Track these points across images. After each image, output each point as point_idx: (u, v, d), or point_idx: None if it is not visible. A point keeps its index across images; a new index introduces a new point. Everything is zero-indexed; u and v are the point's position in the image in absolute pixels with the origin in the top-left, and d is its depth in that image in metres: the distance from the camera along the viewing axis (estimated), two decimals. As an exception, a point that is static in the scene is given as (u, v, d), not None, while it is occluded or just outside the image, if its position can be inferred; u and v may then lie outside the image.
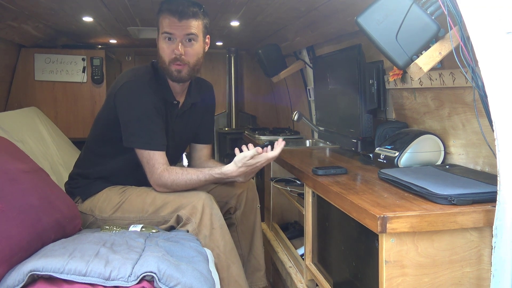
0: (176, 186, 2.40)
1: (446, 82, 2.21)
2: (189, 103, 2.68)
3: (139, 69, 2.63)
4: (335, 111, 3.37)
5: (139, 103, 2.42)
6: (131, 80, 2.47)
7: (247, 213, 2.74)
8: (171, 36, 2.43)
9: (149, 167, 2.42)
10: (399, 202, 1.75)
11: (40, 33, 4.10)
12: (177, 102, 2.61)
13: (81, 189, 2.57)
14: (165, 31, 2.43)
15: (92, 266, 1.59)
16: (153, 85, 2.49)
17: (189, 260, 1.87)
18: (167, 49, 2.45)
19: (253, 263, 2.76)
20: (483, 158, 2.13)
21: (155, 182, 2.42)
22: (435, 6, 1.73)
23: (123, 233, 2.04)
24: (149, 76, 2.52)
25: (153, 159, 2.41)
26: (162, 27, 2.44)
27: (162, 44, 2.46)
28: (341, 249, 2.13)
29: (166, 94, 2.55)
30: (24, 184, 1.86)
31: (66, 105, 4.68)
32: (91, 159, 2.65)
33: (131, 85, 2.45)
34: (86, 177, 2.60)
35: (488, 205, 1.66)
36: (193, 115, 2.74)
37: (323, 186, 2.18)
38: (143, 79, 2.48)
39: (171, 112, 2.59)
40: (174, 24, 2.41)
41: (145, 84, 2.45)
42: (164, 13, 2.43)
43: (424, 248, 1.66)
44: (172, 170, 2.41)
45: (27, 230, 1.72)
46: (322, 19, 3.20)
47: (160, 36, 2.47)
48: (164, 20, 2.43)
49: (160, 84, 2.54)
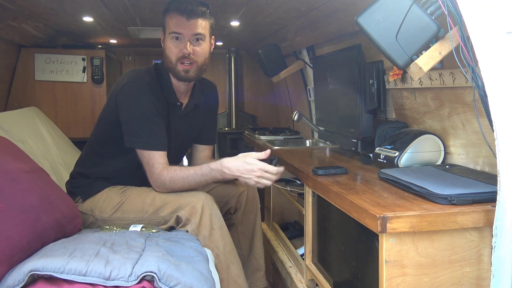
0: (174, 184, 2.39)
1: (446, 82, 2.21)
2: (193, 104, 2.67)
3: (140, 70, 2.63)
4: (335, 111, 3.37)
5: (140, 103, 2.42)
6: (132, 80, 2.47)
7: (247, 213, 2.74)
8: (179, 35, 2.43)
9: (149, 167, 2.42)
10: (399, 202, 1.75)
11: (40, 33, 4.11)
12: (180, 104, 2.61)
13: (82, 189, 2.57)
14: (173, 31, 2.43)
15: (92, 266, 1.59)
16: (154, 86, 2.49)
17: (189, 260, 1.87)
18: (174, 48, 2.45)
19: (253, 263, 2.76)
20: (483, 158, 2.13)
21: (155, 182, 2.42)
22: (435, 6, 1.73)
23: (123, 233, 2.04)
24: (150, 77, 2.51)
25: (153, 159, 2.41)
26: (169, 27, 2.44)
27: (169, 44, 2.46)
28: (341, 249, 2.13)
29: (169, 96, 2.55)
30: (24, 184, 1.86)
31: (66, 105, 4.68)
32: (93, 159, 2.65)
33: (131, 86, 2.45)
34: (87, 177, 2.60)
35: (488, 205, 1.66)
36: (196, 116, 2.74)
37: (323, 186, 2.18)
38: (144, 79, 2.48)
39: (174, 114, 2.59)
40: (182, 24, 2.41)
41: (146, 85, 2.45)
42: (172, 12, 2.43)
43: (424, 248, 1.66)
44: (170, 168, 2.41)
45: (27, 230, 1.72)
46: (322, 19, 3.20)
47: (167, 36, 2.46)
48: (171, 19, 2.43)
49: (163, 85, 2.54)
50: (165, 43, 2.49)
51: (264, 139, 4.30)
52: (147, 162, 2.42)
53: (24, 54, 4.48)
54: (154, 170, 2.40)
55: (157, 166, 2.40)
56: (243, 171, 2.33)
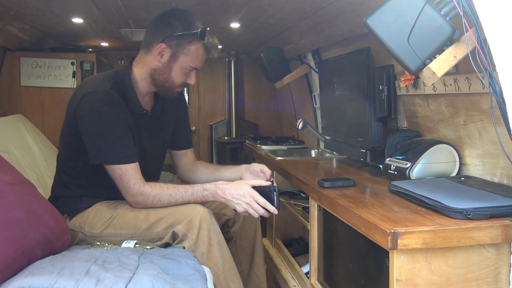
0: (158, 201, 2.40)
1: (462, 88, 2.22)
2: (159, 107, 2.71)
3: (98, 77, 2.65)
4: (343, 119, 3.38)
5: (102, 115, 2.39)
6: (90, 91, 2.44)
7: (246, 226, 2.73)
8: (195, 69, 2.56)
9: (123, 183, 2.41)
10: (411, 217, 1.76)
11: (26, 35, 4.12)
12: (146, 111, 2.62)
13: (68, 207, 2.56)
14: (194, 66, 2.54)
15: (82, 284, 1.60)
16: (115, 95, 2.47)
17: (186, 278, 1.87)
18: (184, 76, 2.56)
19: (255, 281, 2.75)
20: (500, 169, 2.13)
21: (133, 197, 2.42)
22: (450, 7, 1.73)
23: (116, 249, 2.04)
24: (110, 85, 2.49)
25: (127, 173, 2.40)
26: (190, 57, 2.52)
27: (181, 72, 2.54)
28: (349, 267, 2.13)
29: (132, 105, 2.55)
30: (9, 197, 1.86)
31: (54, 113, 4.69)
32: (67, 180, 2.63)
33: (90, 98, 2.42)
34: (69, 196, 2.60)
35: (507, 219, 1.66)
36: (165, 119, 2.76)
37: (329, 199, 2.19)
38: (104, 88, 2.45)
39: (142, 122, 2.60)
40: (202, 59, 2.56)
41: (106, 94, 2.43)
42: (199, 44, 2.52)
43: (438, 266, 1.66)
44: (154, 185, 2.42)
45: (13, 246, 1.72)
46: (328, 20, 3.21)
47: (183, 64, 2.53)
48: (197, 51, 2.53)
49: (125, 94, 2.53)
50: (174, 65, 2.53)
51: (266, 149, 4.30)
52: (120, 178, 2.41)
53: (9, 58, 4.50)
54: (131, 186, 2.40)
55: (133, 182, 2.40)
56: (234, 195, 2.36)
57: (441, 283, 1.66)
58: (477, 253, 1.69)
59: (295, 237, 3.60)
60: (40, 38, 4.40)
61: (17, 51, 4.52)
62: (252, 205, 2.33)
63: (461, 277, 1.68)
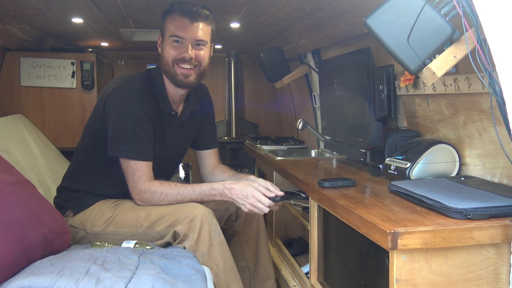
0: (165, 197, 2.42)
1: (461, 88, 2.22)
2: (188, 112, 2.69)
3: (132, 75, 2.64)
4: (342, 119, 3.38)
5: (130, 110, 2.43)
6: (122, 85, 2.48)
7: (249, 220, 2.73)
8: (180, 39, 2.47)
9: (135, 178, 2.43)
10: (411, 217, 1.76)
11: (26, 35, 4.12)
12: (175, 113, 2.62)
13: (73, 202, 2.58)
14: (174, 34, 2.46)
15: (82, 285, 1.60)
16: (146, 93, 2.50)
17: (186, 278, 1.87)
18: (173, 51, 2.49)
19: (262, 272, 2.76)
20: (500, 169, 2.13)
21: (140, 193, 2.43)
22: (450, 7, 1.73)
23: (115, 249, 2.04)
24: (143, 83, 2.52)
25: (140, 170, 2.42)
26: (169, 29, 2.47)
27: (168, 47, 2.49)
28: (349, 267, 2.14)
29: (163, 105, 2.56)
30: (9, 197, 1.86)
31: (54, 113, 4.69)
32: (81, 171, 2.65)
33: (122, 91, 2.46)
34: (76, 190, 2.61)
35: (507, 219, 1.67)
36: (191, 124, 2.76)
37: (329, 200, 2.19)
38: (135, 85, 2.48)
39: (169, 124, 2.61)
40: (184, 27, 2.45)
41: (137, 91, 2.46)
42: (174, 14, 2.47)
43: (438, 266, 1.66)
44: (162, 182, 2.44)
45: (12, 246, 1.72)
46: (328, 20, 3.21)
47: (167, 39, 2.49)
48: (173, 21, 2.46)
49: (156, 93, 2.55)
50: (163, 46, 2.51)
51: (266, 149, 4.30)
52: (132, 173, 2.43)
53: (9, 58, 4.50)
54: (142, 182, 2.42)
55: (145, 178, 2.42)
56: (240, 196, 2.39)
57: (441, 283, 1.66)
58: (477, 253, 1.69)
59: (295, 237, 3.60)
60: (40, 38, 4.40)
61: (17, 51, 4.51)
62: (256, 205, 2.36)
63: (461, 277, 1.68)
